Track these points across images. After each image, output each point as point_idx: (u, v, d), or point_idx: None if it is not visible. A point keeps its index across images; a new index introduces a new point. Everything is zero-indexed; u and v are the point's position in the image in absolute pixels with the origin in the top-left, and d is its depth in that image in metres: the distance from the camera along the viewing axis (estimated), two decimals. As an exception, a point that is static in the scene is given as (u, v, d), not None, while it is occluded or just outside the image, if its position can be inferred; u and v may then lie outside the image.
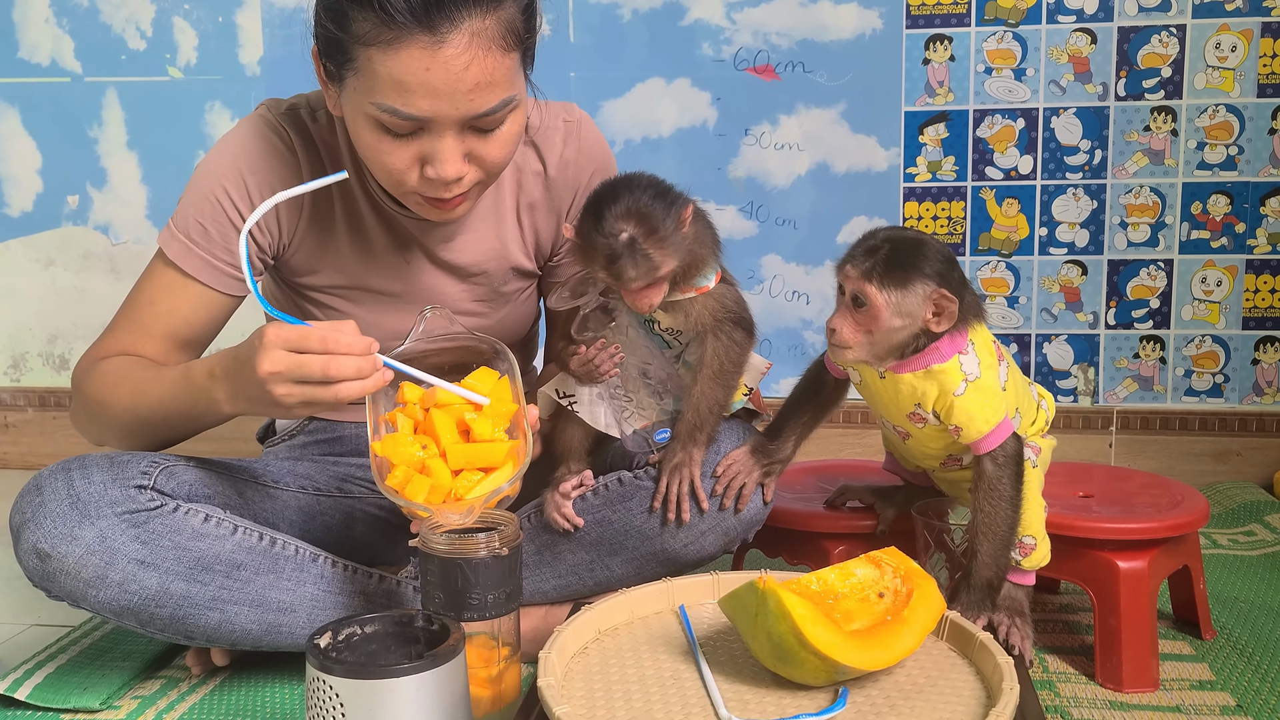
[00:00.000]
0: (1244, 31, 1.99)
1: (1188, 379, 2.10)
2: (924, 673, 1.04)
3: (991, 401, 1.16)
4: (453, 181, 1.16)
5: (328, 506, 1.40)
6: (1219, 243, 2.05)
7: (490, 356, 1.19)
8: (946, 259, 1.15)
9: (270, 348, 1.04)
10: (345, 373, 1.03)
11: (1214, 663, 1.31)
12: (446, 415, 1.11)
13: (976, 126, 2.08)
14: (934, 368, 1.16)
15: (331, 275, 1.34)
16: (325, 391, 1.04)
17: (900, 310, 1.13)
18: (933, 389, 1.17)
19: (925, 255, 1.13)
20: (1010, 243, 2.10)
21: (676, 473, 1.26)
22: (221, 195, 1.26)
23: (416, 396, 1.14)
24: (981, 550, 1.18)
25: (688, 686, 1.02)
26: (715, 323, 1.24)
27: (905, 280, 1.12)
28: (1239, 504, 1.91)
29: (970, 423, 1.16)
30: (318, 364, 1.03)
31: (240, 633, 1.21)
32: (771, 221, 2.16)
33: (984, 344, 1.19)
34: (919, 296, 1.13)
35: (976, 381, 1.16)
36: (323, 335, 1.04)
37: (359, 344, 1.05)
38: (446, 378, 1.17)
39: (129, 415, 1.22)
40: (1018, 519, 1.18)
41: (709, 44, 2.12)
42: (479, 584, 1.05)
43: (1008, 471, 1.17)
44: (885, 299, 1.12)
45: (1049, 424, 1.30)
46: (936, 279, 1.13)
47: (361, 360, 1.04)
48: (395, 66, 1.08)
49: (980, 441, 1.17)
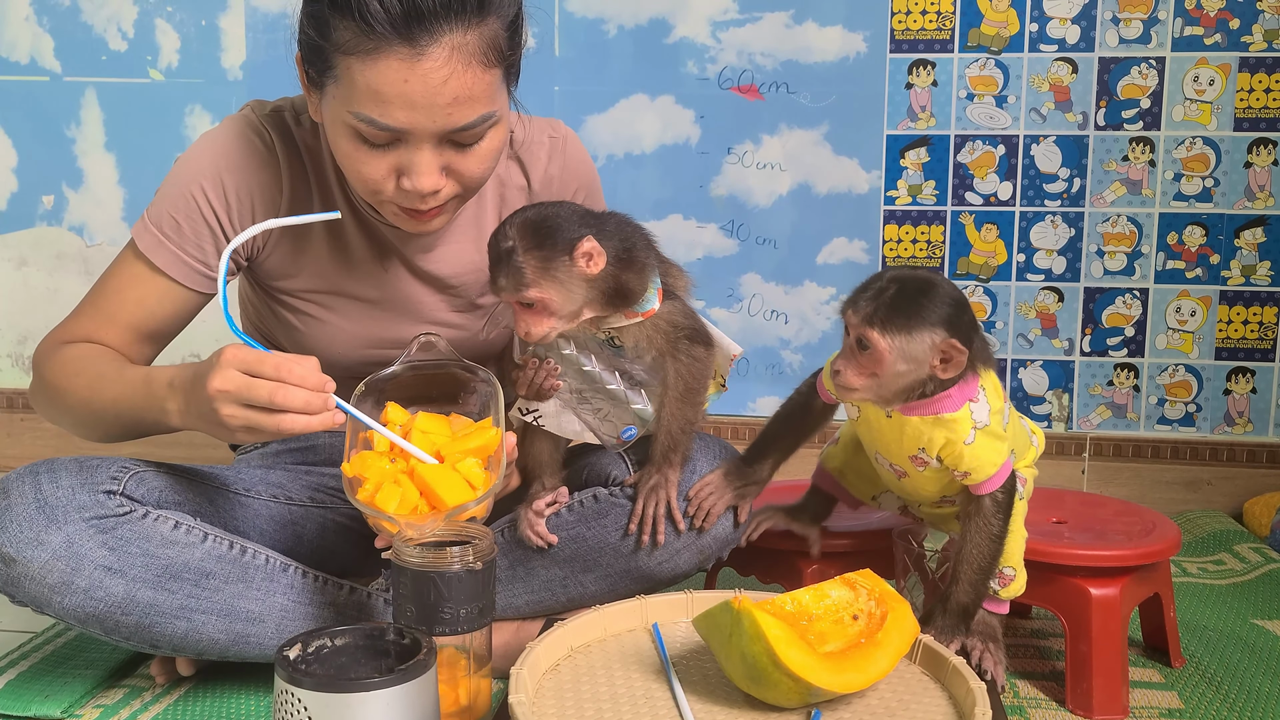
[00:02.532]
0: (1222, 66, 2.01)
1: (1160, 407, 2.12)
2: (896, 696, 1.04)
3: (997, 445, 1.15)
4: (429, 194, 1.15)
5: (299, 516, 1.39)
6: (1194, 273, 2.07)
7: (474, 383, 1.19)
8: (956, 303, 1.10)
9: (225, 366, 1.03)
10: (292, 403, 1.03)
11: (1183, 691, 1.31)
12: (424, 440, 1.11)
13: (957, 151, 2.09)
14: (944, 416, 1.13)
15: (309, 280, 1.33)
16: (269, 419, 1.03)
17: (905, 356, 1.09)
18: (940, 436, 1.14)
19: (933, 300, 1.09)
20: (988, 268, 2.11)
21: (653, 494, 1.25)
22: (198, 192, 1.25)
23: (401, 419, 1.14)
24: (963, 578, 1.18)
25: (660, 706, 1.02)
26: (670, 344, 1.22)
27: (910, 327, 1.08)
28: (1209, 533, 1.92)
29: (980, 469, 1.15)
30: (266, 389, 1.02)
31: (207, 642, 1.19)
32: (752, 240, 2.16)
33: (994, 389, 1.16)
34: (925, 344, 1.08)
35: (986, 428, 1.14)
36: (278, 363, 1.03)
37: (313, 379, 1.04)
38: (433, 405, 1.17)
39: (82, 407, 1.21)
40: (1000, 553, 1.18)
41: (694, 62, 2.12)
42: (451, 598, 1.04)
43: (1004, 510, 1.16)
44: (889, 345, 1.08)
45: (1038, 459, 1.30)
46: (945, 326, 1.08)
47: (311, 395, 1.03)
48: (374, 77, 1.08)
49: (985, 484, 1.16)
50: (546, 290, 1.14)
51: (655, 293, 1.21)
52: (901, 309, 1.08)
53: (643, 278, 1.19)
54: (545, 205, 1.18)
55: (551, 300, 1.15)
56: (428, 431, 1.13)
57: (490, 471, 1.12)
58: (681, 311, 1.23)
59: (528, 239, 1.13)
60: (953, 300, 1.10)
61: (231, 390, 1.03)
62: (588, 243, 1.13)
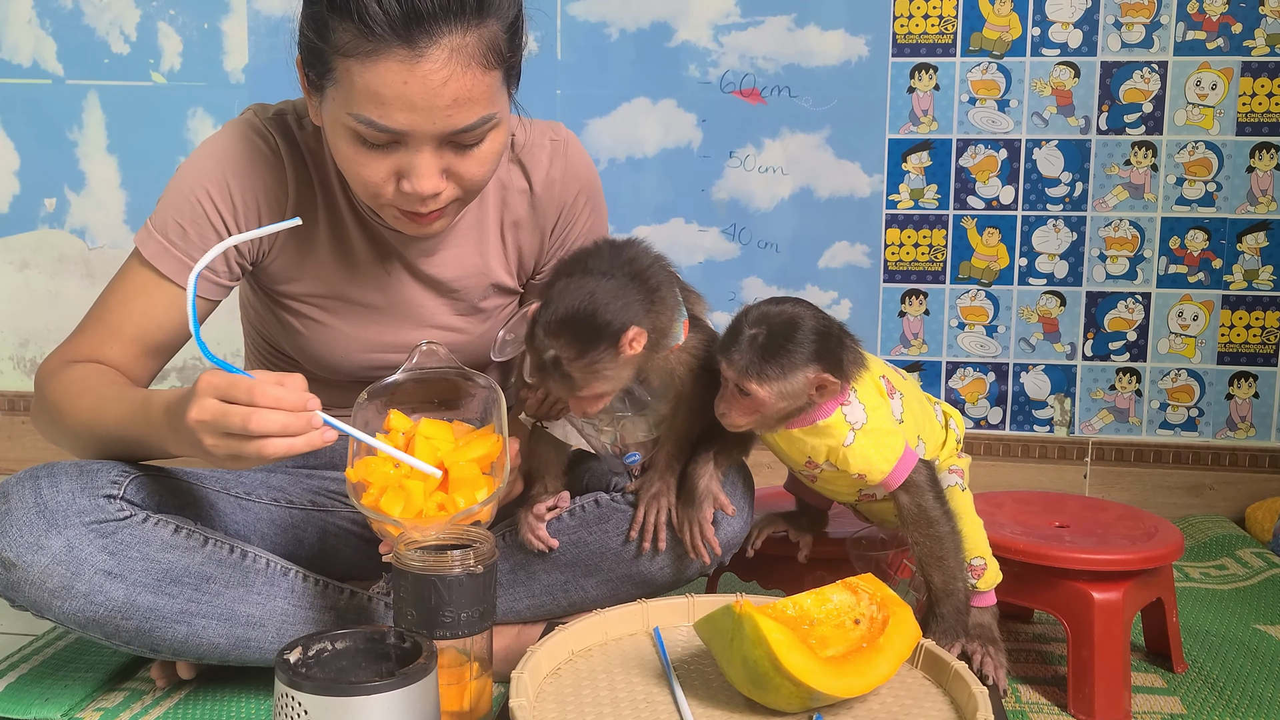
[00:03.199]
0: (1224, 70, 2.01)
1: (1163, 412, 2.11)
2: (898, 701, 1.04)
3: (886, 440, 1.17)
4: (429, 197, 1.15)
5: (300, 520, 1.38)
6: (1196, 278, 2.07)
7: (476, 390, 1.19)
8: (820, 334, 1.14)
9: (200, 395, 1.01)
10: (268, 428, 0.99)
11: (1185, 696, 1.31)
12: (428, 446, 1.11)
13: (959, 155, 2.09)
14: (819, 424, 1.17)
15: (311, 284, 1.33)
16: (249, 446, 1.00)
17: (784, 396, 1.13)
18: (821, 444, 1.17)
19: (800, 339, 1.12)
20: (990, 272, 2.11)
21: (654, 502, 1.25)
22: (203, 197, 1.25)
23: (404, 425, 1.14)
24: (935, 580, 1.19)
25: (661, 710, 1.02)
26: (691, 374, 1.22)
27: (784, 372, 1.12)
28: (1211, 537, 1.92)
29: (870, 466, 1.17)
30: (240, 416, 0.99)
31: (208, 646, 1.19)
32: (754, 244, 2.16)
33: (867, 389, 1.19)
34: (800, 382, 1.13)
35: (865, 427, 1.16)
36: (250, 386, 1.00)
37: (290, 399, 1.00)
38: (436, 411, 1.17)
39: (84, 429, 1.20)
40: (959, 539, 1.19)
41: (695, 65, 2.12)
42: (452, 601, 1.04)
43: (928, 497, 1.18)
44: (768, 392, 1.13)
45: (960, 442, 1.30)
46: (816, 362, 1.13)
47: (290, 417, 1.00)
48: (373, 79, 1.08)
49: (887, 480, 1.18)
50: (598, 388, 1.14)
51: (681, 326, 1.21)
52: (773, 356, 1.12)
53: (672, 321, 1.19)
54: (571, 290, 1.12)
55: (604, 392, 1.15)
56: (431, 437, 1.13)
57: (493, 476, 1.12)
58: (705, 343, 1.23)
59: (570, 346, 1.10)
60: (817, 333, 1.14)
61: (208, 420, 1.01)
62: (632, 332, 1.11)
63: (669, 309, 1.18)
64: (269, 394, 1.00)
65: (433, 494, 1.09)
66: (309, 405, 1.02)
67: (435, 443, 1.12)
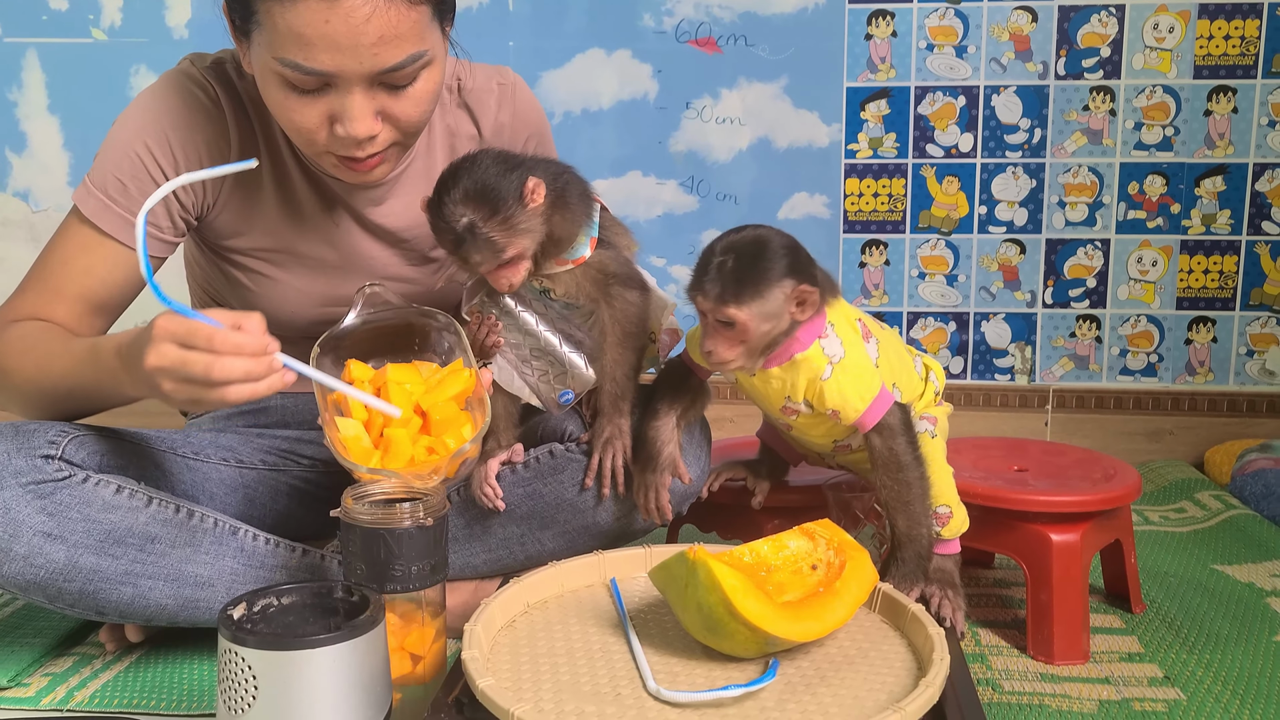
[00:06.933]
0: (1181, 13, 2.00)
1: (1123, 358, 2.12)
2: (855, 644, 1.03)
3: (863, 378, 1.16)
4: (365, 140, 1.12)
5: (252, 480, 1.36)
6: (1155, 223, 2.07)
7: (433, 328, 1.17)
8: (790, 248, 1.12)
9: (158, 340, 0.98)
10: (231, 374, 0.96)
11: (1143, 635, 1.31)
12: (401, 392, 1.09)
13: (918, 103, 2.07)
14: (796, 357, 1.15)
15: (258, 238, 1.30)
16: (211, 392, 0.98)
17: (765, 317, 1.11)
18: (801, 378, 1.16)
19: (770, 256, 1.10)
20: (950, 221, 2.10)
21: (608, 446, 1.23)
22: (143, 151, 1.21)
23: (366, 375, 1.11)
24: (899, 524, 1.18)
25: (617, 659, 1.00)
26: (601, 290, 1.21)
27: (760, 289, 1.10)
28: (1171, 482, 1.93)
29: (845, 403, 1.15)
30: (201, 363, 0.96)
31: (155, 608, 1.17)
32: (712, 196, 2.14)
33: (844, 323, 1.17)
34: (779, 298, 1.10)
35: (842, 362, 1.15)
36: (210, 333, 0.96)
37: (251, 344, 0.97)
38: (394, 356, 1.15)
39: (32, 386, 1.17)
40: (927, 485, 1.18)
41: (650, 15, 2.08)
42: (402, 555, 1.02)
43: (900, 441, 1.16)
44: (749, 314, 1.10)
45: (939, 394, 1.29)
46: (790, 275, 1.10)
47: (252, 362, 0.97)
48: (294, 19, 1.04)
49: (861, 419, 1.16)
50: (518, 243, 1.14)
51: (588, 241, 1.20)
52: (746, 277, 1.10)
53: (573, 222, 1.18)
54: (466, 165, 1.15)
55: (524, 248, 1.15)
56: (402, 383, 1.10)
57: (472, 411, 1.10)
58: (613, 259, 1.22)
59: (481, 208, 1.12)
60: (786, 248, 1.12)
61: (167, 366, 0.97)
62: (531, 182, 1.14)
63: (572, 211, 1.18)
64: (229, 340, 0.97)
65: (417, 439, 1.08)
66: (269, 349, 0.99)
67: (408, 387, 1.09)
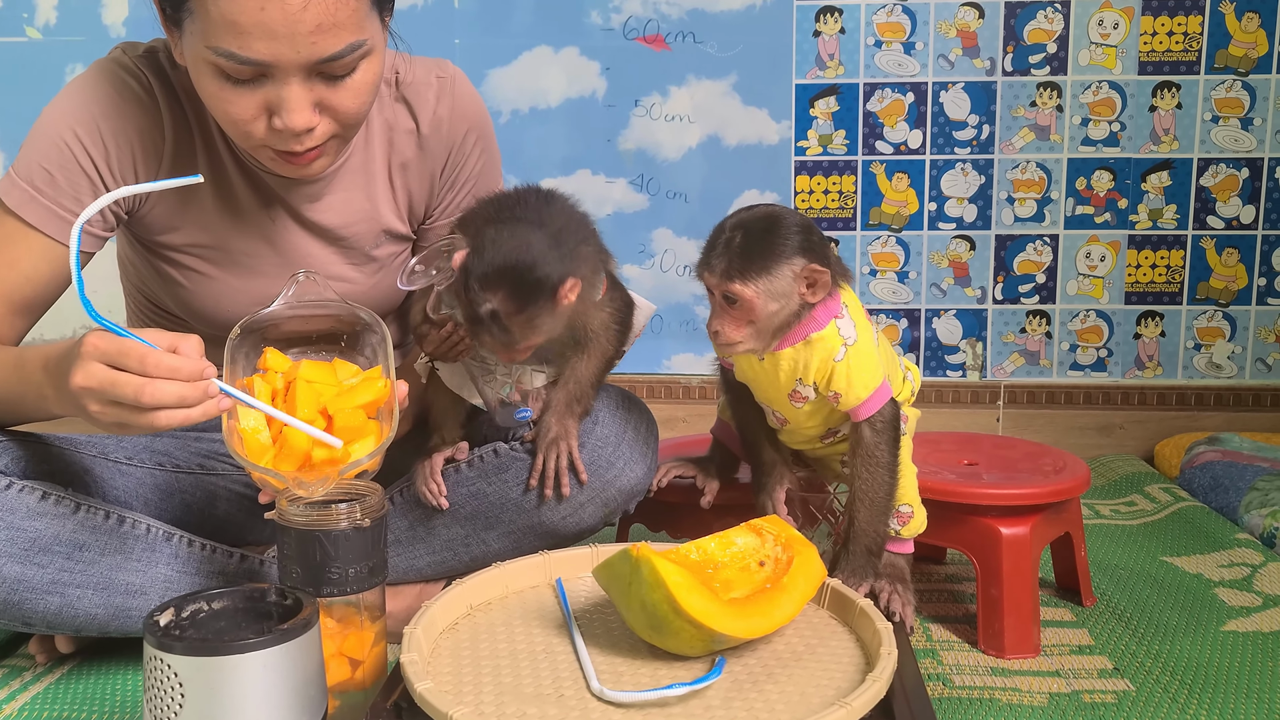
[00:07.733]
0: (1125, 9, 2.01)
1: (1073, 353, 2.12)
2: (803, 640, 1.01)
3: (869, 365, 1.14)
4: (302, 133, 1.08)
5: (187, 484, 1.32)
6: (1103, 218, 2.08)
7: (361, 328, 1.13)
8: (803, 227, 1.10)
9: (86, 359, 0.93)
10: (163, 399, 0.92)
11: (1093, 628, 1.31)
12: (310, 391, 1.04)
13: (867, 100, 2.06)
14: (812, 337, 1.13)
15: (193, 234, 1.26)
16: (140, 417, 0.93)
17: (773, 295, 1.09)
18: (814, 358, 1.14)
19: (780, 233, 1.09)
20: (900, 217, 2.10)
21: (553, 447, 1.21)
22: (72, 140, 1.17)
23: (281, 365, 1.07)
24: (859, 517, 1.16)
25: (560, 660, 0.98)
26: (602, 327, 1.21)
27: (768, 266, 1.08)
28: (1121, 475, 1.93)
29: (850, 388, 1.14)
30: (132, 387, 0.92)
31: (84, 618, 1.13)
32: (662, 195, 2.12)
33: (856, 305, 1.16)
34: (788, 276, 1.09)
35: (855, 345, 1.14)
36: (143, 354, 0.92)
37: (186, 368, 0.93)
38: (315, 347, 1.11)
39: None
40: (895, 485, 1.17)
41: (598, 12, 2.07)
42: (339, 557, 0.99)
43: (885, 438, 1.15)
44: (755, 291, 1.08)
45: (915, 395, 1.29)
46: (800, 253, 1.08)
47: (186, 388, 0.92)
48: (228, 6, 1.01)
49: (860, 407, 1.14)
50: (535, 341, 1.12)
51: (601, 282, 1.18)
52: (754, 253, 1.08)
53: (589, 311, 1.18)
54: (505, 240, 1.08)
55: (538, 343, 1.13)
56: (313, 381, 1.06)
57: (381, 423, 1.06)
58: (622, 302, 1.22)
59: (510, 301, 1.07)
60: (799, 226, 1.10)
61: (94, 387, 0.93)
62: (569, 283, 1.09)
63: (593, 264, 1.16)
64: (163, 363, 0.92)
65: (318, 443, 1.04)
66: (205, 373, 0.94)
67: (318, 387, 1.05)
